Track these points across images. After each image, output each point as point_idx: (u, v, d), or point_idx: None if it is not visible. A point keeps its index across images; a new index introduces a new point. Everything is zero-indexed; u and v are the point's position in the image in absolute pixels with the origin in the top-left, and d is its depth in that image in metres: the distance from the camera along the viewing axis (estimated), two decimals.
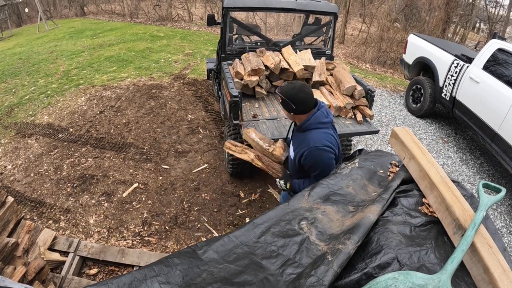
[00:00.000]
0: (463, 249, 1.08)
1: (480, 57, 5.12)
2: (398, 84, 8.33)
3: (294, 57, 4.15)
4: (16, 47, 10.75)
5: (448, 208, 1.25)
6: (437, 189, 1.32)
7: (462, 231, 1.16)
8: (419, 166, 1.44)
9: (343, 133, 3.61)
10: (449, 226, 1.24)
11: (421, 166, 1.43)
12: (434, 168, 1.41)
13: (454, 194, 1.29)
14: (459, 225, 1.19)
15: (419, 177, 1.45)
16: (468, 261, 1.13)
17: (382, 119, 6.17)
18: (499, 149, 4.47)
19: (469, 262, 1.13)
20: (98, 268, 3.01)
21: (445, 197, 1.27)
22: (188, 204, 3.84)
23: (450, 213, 1.24)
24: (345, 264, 1.14)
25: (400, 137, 1.61)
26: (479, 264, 1.08)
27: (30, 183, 4.10)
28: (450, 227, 1.23)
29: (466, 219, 1.18)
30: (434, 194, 1.34)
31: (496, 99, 4.59)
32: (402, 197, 1.44)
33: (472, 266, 1.12)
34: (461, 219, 1.19)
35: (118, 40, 10.28)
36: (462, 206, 1.24)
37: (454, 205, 1.24)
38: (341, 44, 11.87)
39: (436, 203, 1.32)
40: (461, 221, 1.18)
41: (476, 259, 1.10)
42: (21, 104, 6.12)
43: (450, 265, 1.05)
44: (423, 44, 6.50)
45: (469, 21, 12.58)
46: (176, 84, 6.82)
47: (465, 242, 1.09)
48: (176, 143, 4.90)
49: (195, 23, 13.66)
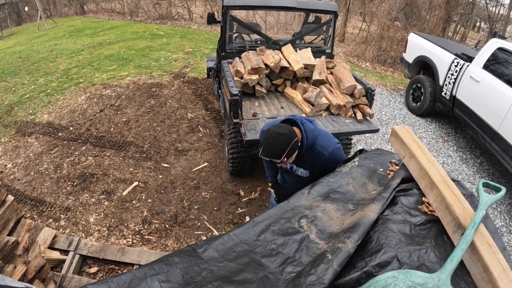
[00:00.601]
0: (462, 248, 1.08)
1: (480, 56, 5.11)
2: (398, 83, 8.33)
3: (294, 55, 4.14)
4: (16, 46, 10.74)
5: (448, 207, 1.25)
6: (437, 188, 1.32)
7: (462, 230, 1.16)
8: (419, 165, 1.44)
9: (343, 131, 3.61)
10: (448, 225, 1.24)
11: (421, 165, 1.43)
12: (434, 167, 1.41)
13: (454, 193, 1.29)
14: (458, 224, 1.19)
15: (419, 176, 1.45)
16: (468, 260, 1.14)
17: (382, 118, 6.17)
18: (499, 148, 4.47)
19: (468, 261, 1.13)
20: (98, 267, 3.01)
21: (445, 196, 1.27)
22: (188, 203, 3.84)
23: (450, 212, 1.24)
24: (345, 263, 1.14)
25: (400, 135, 1.62)
26: (479, 263, 1.08)
27: (30, 182, 4.10)
28: (450, 226, 1.23)
29: (466, 218, 1.18)
30: (434, 193, 1.34)
31: (496, 98, 4.59)
32: (402, 196, 1.44)
33: (472, 265, 1.12)
34: (461, 218, 1.19)
35: (118, 38, 10.26)
36: (462, 205, 1.24)
37: (454, 204, 1.24)
38: (341, 42, 11.86)
39: (436, 202, 1.32)
40: (461, 220, 1.18)
41: (476, 258, 1.10)
42: (21, 102, 6.12)
43: (449, 264, 1.06)
44: (423, 43, 6.49)
45: (469, 20, 12.56)
46: (176, 82, 6.82)
47: (465, 241, 1.10)
48: (176, 141, 4.90)
49: (195, 22, 13.64)
